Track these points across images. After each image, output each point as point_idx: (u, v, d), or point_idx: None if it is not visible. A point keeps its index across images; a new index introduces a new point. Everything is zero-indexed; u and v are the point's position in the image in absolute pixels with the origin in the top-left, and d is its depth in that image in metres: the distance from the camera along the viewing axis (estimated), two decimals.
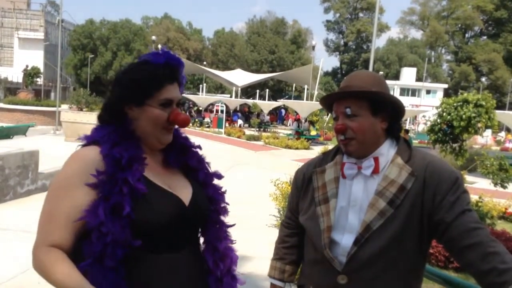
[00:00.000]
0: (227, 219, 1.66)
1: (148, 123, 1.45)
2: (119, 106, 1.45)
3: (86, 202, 1.31)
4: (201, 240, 1.60)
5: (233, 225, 1.66)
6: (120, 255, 1.28)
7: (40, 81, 35.26)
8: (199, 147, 1.67)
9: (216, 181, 1.65)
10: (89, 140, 1.43)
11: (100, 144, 1.39)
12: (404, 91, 65.27)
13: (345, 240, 1.56)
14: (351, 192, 1.60)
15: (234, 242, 1.64)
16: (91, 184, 1.32)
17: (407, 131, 19.16)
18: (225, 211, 1.63)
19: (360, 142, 1.57)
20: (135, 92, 1.43)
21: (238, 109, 39.15)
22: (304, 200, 1.74)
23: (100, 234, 1.27)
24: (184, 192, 1.50)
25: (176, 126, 1.52)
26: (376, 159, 1.59)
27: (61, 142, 16.60)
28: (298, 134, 25.07)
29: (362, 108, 1.57)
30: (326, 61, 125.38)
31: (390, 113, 1.60)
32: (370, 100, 1.57)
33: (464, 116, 8.60)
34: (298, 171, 1.85)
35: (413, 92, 65.66)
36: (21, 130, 19.67)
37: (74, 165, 1.36)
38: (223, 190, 1.65)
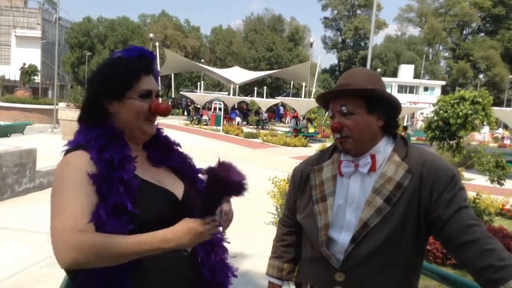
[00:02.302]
0: None
1: (130, 116, 1.45)
2: (99, 104, 1.45)
3: (92, 198, 1.30)
4: None
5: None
6: None
7: (37, 79, 35.07)
8: (179, 144, 1.68)
9: (201, 176, 1.65)
10: (75, 145, 1.42)
11: (87, 149, 1.37)
12: (402, 88, 65.32)
13: (343, 237, 1.56)
14: (348, 190, 1.60)
15: (224, 234, 1.65)
16: (90, 183, 1.31)
17: (405, 128, 19.21)
18: None
19: (357, 140, 1.58)
20: (114, 86, 1.43)
21: (236, 106, 39.11)
22: (302, 199, 1.74)
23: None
24: (176, 187, 1.51)
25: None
26: (373, 157, 1.59)
27: (59, 140, 16.54)
28: (296, 131, 25.08)
29: (358, 106, 1.57)
30: (324, 58, 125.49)
31: (386, 110, 1.61)
32: (365, 98, 1.57)
33: (460, 113, 8.60)
34: (296, 170, 1.85)
35: (411, 89, 65.70)
36: (18, 128, 19.59)
37: (69, 169, 1.34)
38: None
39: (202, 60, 59.82)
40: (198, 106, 37.52)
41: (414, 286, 1.62)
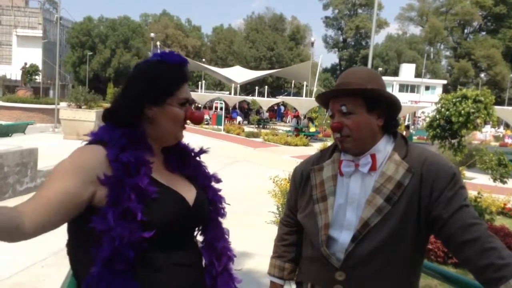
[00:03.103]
0: (225, 219, 1.67)
1: (168, 122, 1.46)
2: (139, 107, 1.44)
3: (81, 193, 1.27)
4: (200, 239, 1.61)
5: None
6: (132, 257, 1.28)
7: (38, 78, 35.15)
8: (201, 152, 1.67)
9: (214, 184, 1.66)
10: (97, 139, 1.42)
11: (106, 146, 1.37)
12: (403, 87, 65.27)
13: (343, 237, 1.56)
14: (349, 190, 1.60)
15: (230, 243, 1.66)
16: (101, 180, 1.30)
17: (407, 127, 19.17)
18: (223, 213, 1.65)
19: (356, 139, 1.57)
20: (158, 92, 1.44)
21: (237, 106, 39.12)
22: (302, 198, 1.74)
23: (110, 238, 1.27)
24: (188, 192, 1.51)
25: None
26: (373, 156, 1.58)
27: (60, 139, 16.57)
28: (297, 130, 25.07)
29: (358, 105, 1.57)
30: (325, 58, 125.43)
31: (386, 109, 1.60)
32: (365, 97, 1.57)
33: (462, 111, 8.59)
34: (296, 169, 1.85)
35: (412, 88, 65.64)
36: (20, 128, 19.60)
37: (79, 157, 1.34)
38: (221, 193, 1.67)
39: (203, 60, 59.83)
40: (199, 105, 37.55)
41: (415, 285, 1.62)
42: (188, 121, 1.52)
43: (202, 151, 1.68)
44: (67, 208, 1.24)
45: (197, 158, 1.66)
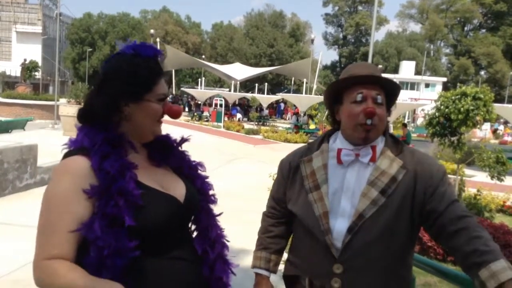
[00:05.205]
0: (218, 209, 1.67)
1: (146, 118, 1.44)
2: (116, 104, 1.41)
3: (85, 214, 1.30)
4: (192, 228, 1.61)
5: (221, 213, 1.67)
6: (120, 266, 1.28)
7: (38, 75, 35.04)
8: (182, 141, 1.65)
9: (201, 172, 1.65)
10: (78, 146, 1.39)
11: (89, 154, 1.35)
12: (403, 84, 65.09)
13: (338, 225, 1.59)
14: (345, 179, 1.63)
15: (223, 229, 1.66)
16: (88, 192, 1.30)
17: (405, 125, 19.16)
18: (213, 200, 1.64)
19: (379, 131, 1.63)
20: (135, 88, 1.41)
21: (237, 103, 39.09)
22: (292, 189, 1.75)
23: (97, 248, 1.26)
24: (177, 189, 1.49)
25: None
26: (373, 148, 1.63)
27: (60, 136, 16.54)
28: (297, 128, 25.07)
29: (383, 98, 1.63)
30: (325, 55, 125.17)
31: (392, 109, 1.70)
32: (387, 93, 1.65)
33: (462, 109, 8.56)
34: (283, 161, 1.86)
35: (412, 86, 65.56)
36: (19, 124, 19.57)
37: (67, 178, 1.32)
38: (208, 179, 1.66)
39: (203, 56, 59.70)
40: (199, 102, 37.52)
41: (408, 276, 1.67)
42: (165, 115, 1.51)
43: (183, 140, 1.65)
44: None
45: (180, 149, 1.64)
